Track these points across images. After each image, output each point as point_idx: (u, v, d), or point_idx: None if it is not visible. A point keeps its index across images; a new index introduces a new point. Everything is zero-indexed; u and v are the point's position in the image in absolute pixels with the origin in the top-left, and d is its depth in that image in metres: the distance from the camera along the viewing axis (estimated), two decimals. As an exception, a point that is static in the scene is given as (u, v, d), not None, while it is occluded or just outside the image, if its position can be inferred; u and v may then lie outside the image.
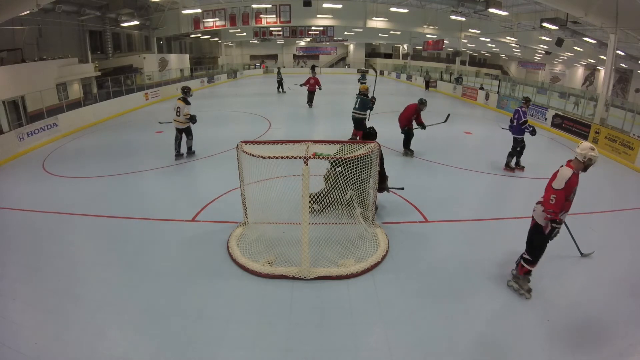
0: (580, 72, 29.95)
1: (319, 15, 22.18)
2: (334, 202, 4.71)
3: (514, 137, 7.74)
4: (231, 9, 21.66)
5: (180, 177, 7.48)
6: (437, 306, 3.71)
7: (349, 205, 5.08)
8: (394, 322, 3.49)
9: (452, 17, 19.92)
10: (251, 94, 21.71)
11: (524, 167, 7.96)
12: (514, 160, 7.93)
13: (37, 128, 10.23)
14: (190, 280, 4.10)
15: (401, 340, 3.27)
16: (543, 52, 26.66)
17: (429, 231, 5.23)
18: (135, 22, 20.69)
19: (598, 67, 25.80)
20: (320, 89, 15.73)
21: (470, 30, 21.99)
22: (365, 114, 8.97)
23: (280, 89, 20.58)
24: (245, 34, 32.13)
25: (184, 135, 8.45)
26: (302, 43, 40.38)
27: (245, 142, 4.51)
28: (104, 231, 5.31)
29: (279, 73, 21.22)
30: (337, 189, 4.64)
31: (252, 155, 4.23)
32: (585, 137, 10.46)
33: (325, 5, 20.89)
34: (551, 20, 14.47)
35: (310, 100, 15.67)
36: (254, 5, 21.14)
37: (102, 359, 3.08)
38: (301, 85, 15.85)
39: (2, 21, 10.28)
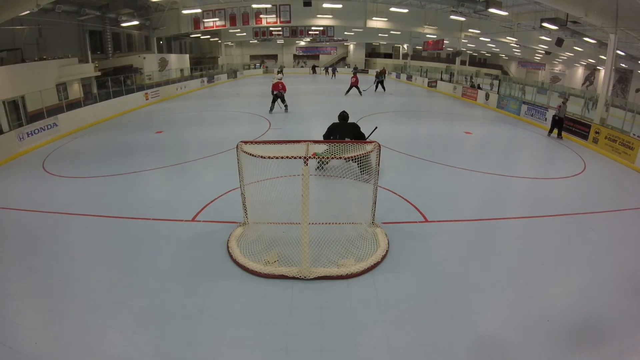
0: (580, 72, 29.93)
1: (319, 15, 22.16)
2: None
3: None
4: (231, 9, 21.64)
5: (180, 177, 7.47)
6: (437, 306, 3.70)
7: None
8: (394, 322, 3.49)
9: (452, 17, 19.91)
10: (251, 94, 21.72)
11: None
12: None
13: (37, 128, 10.22)
14: (190, 280, 4.10)
15: (401, 340, 3.27)
16: (543, 52, 26.65)
17: (429, 231, 5.23)
18: (135, 22, 20.68)
19: (598, 67, 25.79)
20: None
21: (470, 30, 21.97)
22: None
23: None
24: (245, 34, 32.11)
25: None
26: (302, 43, 40.37)
27: (245, 142, 4.50)
28: (104, 231, 5.30)
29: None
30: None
31: (252, 155, 4.22)
32: (586, 137, 10.46)
33: (325, 5, 20.87)
34: (551, 20, 14.46)
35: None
36: (254, 5, 21.12)
37: (102, 359, 3.08)
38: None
39: (2, 21, 10.26)
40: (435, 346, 3.21)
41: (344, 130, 6.99)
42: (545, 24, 14.54)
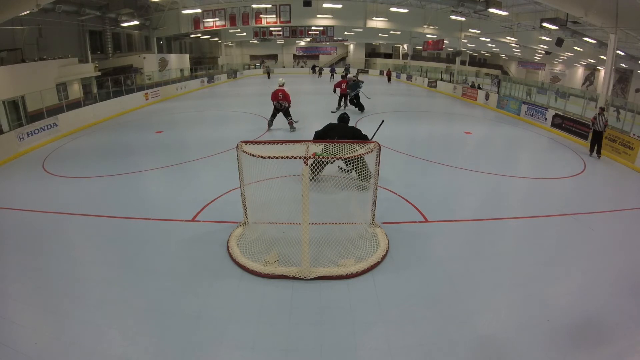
0: (580, 72, 29.91)
1: (319, 15, 22.17)
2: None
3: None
4: (231, 9, 21.66)
5: (180, 177, 7.47)
6: (437, 306, 3.70)
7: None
8: (394, 322, 3.49)
9: (452, 17, 19.94)
10: (251, 94, 21.71)
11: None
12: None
13: (37, 128, 10.22)
14: (190, 280, 4.10)
15: (401, 340, 3.27)
16: (543, 52, 26.64)
17: (429, 231, 5.23)
18: (135, 22, 20.68)
19: (598, 67, 25.79)
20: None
21: (470, 30, 21.99)
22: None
23: None
24: (245, 34, 32.12)
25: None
26: (302, 43, 40.37)
27: (245, 142, 4.50)
28: (104, 231, 5.30)
29: None
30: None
31: (252, 155, 4.22)
32: (586, 137, 10.45)
33: (325, 5, 20.89)
34: (551, 20, 14.47)
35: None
36: (254, 5, 21.14)
37: (102, 359, 3.08)
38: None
39: (2, 21, 10.28)
40: (435, 346, 3.21)
41: (341, 133, 6.53)
42: (545, 24, 14.56)
